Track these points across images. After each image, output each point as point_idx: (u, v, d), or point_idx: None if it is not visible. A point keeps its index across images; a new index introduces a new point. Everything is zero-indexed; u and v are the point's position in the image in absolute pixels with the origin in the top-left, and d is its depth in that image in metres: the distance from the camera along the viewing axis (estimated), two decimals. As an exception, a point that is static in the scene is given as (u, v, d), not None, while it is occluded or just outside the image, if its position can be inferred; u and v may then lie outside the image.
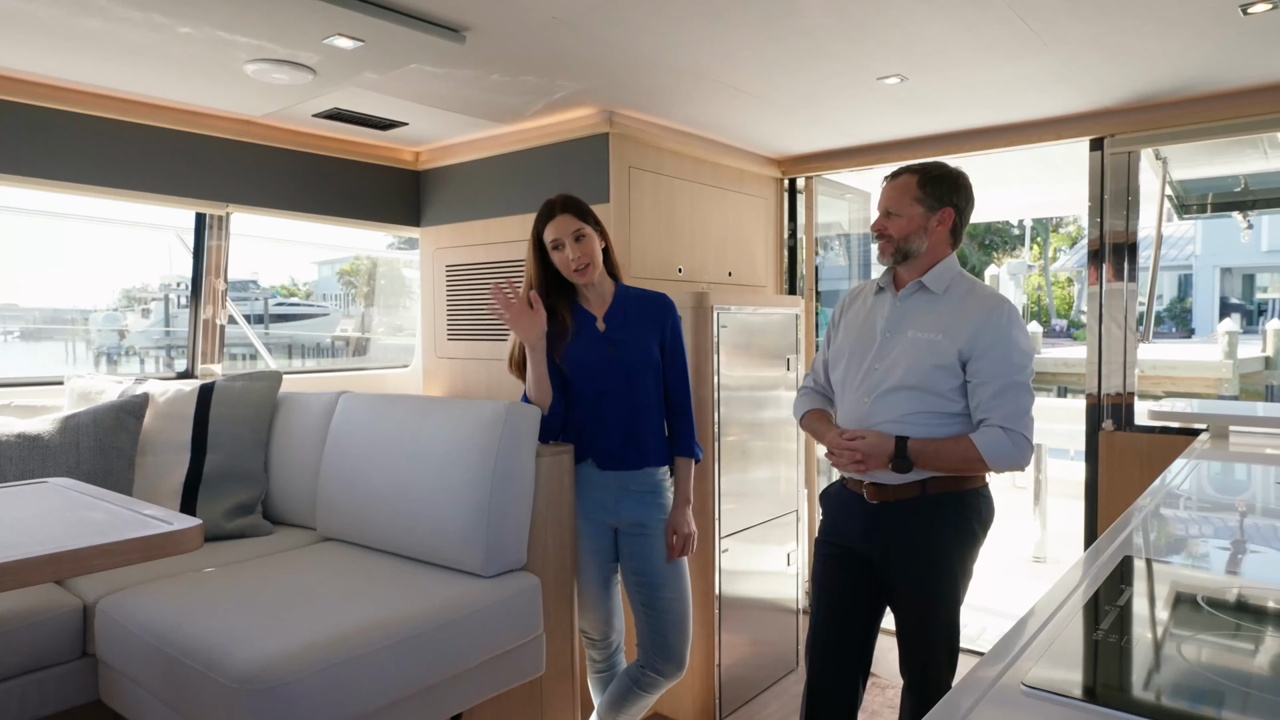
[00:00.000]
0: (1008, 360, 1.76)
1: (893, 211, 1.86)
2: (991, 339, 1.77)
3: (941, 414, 1.81)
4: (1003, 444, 1.74)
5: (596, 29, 2.00)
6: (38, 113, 2.39)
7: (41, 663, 1.82)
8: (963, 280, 1.88)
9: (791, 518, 3.11)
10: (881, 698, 2.84)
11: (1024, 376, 1.78)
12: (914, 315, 1.86)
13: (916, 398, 1.81)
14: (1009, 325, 1.79)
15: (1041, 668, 0.80)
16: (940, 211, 1.85)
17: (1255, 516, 1.58)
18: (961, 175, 1.90)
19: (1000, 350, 1.77)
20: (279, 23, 1.91)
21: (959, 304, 1.83)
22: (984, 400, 1.77)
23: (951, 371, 1.79)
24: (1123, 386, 2.85)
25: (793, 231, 3.65)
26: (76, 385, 2.52)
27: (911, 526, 1.82)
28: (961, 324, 1.80)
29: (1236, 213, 4.64)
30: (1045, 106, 2.73)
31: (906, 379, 1.81)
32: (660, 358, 2.15)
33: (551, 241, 2.05)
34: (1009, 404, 1.75)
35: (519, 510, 2.03)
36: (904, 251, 1.86)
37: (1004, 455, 1.74)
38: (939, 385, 1.79)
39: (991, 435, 1.74)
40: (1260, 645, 0.90)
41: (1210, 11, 1.93)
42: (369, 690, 1.64)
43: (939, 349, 1.79)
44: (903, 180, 1.88)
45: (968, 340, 1.78)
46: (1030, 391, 1.79)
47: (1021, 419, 1.75)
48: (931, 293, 1.86)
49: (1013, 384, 1.76)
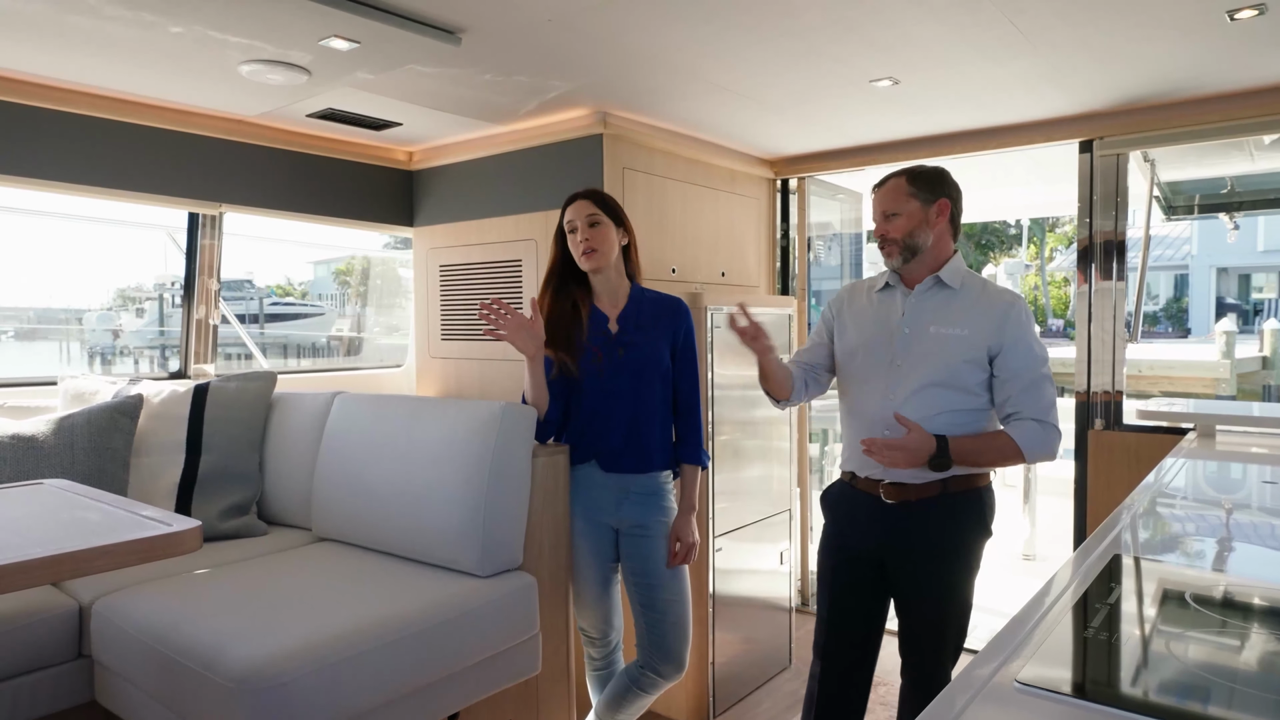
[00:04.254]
0: (1032, 354, 1.81)
1: (891, 212, 1.88)
2: (1017, 334, 1.81)
3: (968, 410, 1.83)
4: (1039, 436, 1.77)
5: (591, 29, 2.01)
6: (28, 112, 2.38)
7: (37, 664, 1.82)
8: (973, 277, 1.91)
9: (784, 516, 3.12)
10: (874, 695, 2.86)
11: (1047, 370, 1.82)
12: (934, 311, 1.87)
13: (946, 395, 1.82)
14: (1028, 321, 1.84)
15: (1034, 665, 0.81)
16: (937, 203, 1.88)
17: (1242, 514, 1.61)
18: (945, 170, 1.93)
19: (1025, 345, 1.81)
20: (273, 23, 1.91)
21: (977, 300, 1.86)
22: (1014, 394, 1.80)
23: (980, 365, 1.82)
24: (1112, 386, 2.88)
25: (785, 232, 3.67)
26: (70, 386, 2.52)
27: (931, 525, 1.83)
28: (985, 319, 1.82)
29: (1223, 214, 4.67)
30: (1035, 109, 2.75)
31: (935, 375, 1.82)
32: (670, 362, 2.15)
33: (567, 224, 2.07)
34: (1039, 397, 1.79)
35: (515, 510, 2.04)
36: (911, 248, 1.88)
37: (1040, 446, 1.78)
38: (967, 380, 1.82)
39: (1027, 428, 1.78)
40: (1246, 641, 0.92)
41: (1197, 16, 1.95)
42: (365, 689, 1.64)
43: (968, 343, 1.82)
44: (892, 183, 1.90)
45: (994, 335, 1.81)
46: (1054, 384, 1.83)
47: (1051, 411, 1.79)
48: (949, 288, 1.88)
49: (1040, 377, 1.80)
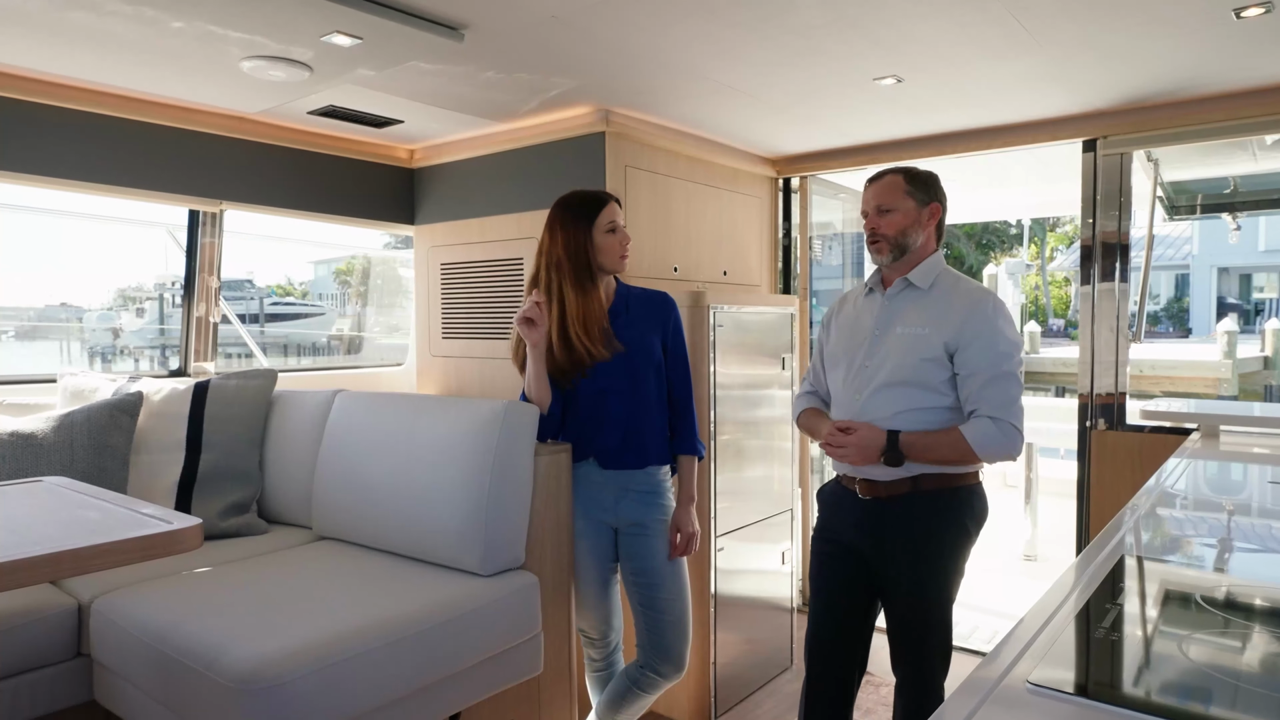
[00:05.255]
0: (994, 350, 1.77)
1: (886, 207, 1.88)
2: (977, 329, 1.78)
3: (935, 409, 1.82)
4: (991, 434, 1.75)
5: (593, 27, 2.00)
6: (28, 108, 2.37)
7: (35, 663, 1.81)
8: (948, 275, 1.90)
9: (786, 516, 3.12)
10: (875, 695, 2.85)
11: (1011, 366, 1.78)
12: (902, 312, 1.88)
13: (909, 394, 1.82)
14: (994, 316, 1.80)
15: (1045, 667, 0.81)
16: (930, 206, 1.89)
17: (1249, 516, 1.60)
18: (938, 177, 1.94)
19: (986, 340, 1.78)
20: (275, 19, 1.90)
21: (945, 297, 1.85)
22: (973, 391, 1.78)
23: (940, 364, 1.80)
24: (1114, 386, 2.87)
25: (787, 231, 3.66)
26: (70, 383, 2.51)
27: (903, 523, 1.83)
28: (948, 316, 1.81)
29: (1226, 214, 4.67)
30: (1039, 108, 2.75)
31: (895, 375, 1.82)
32: (663, 355, 2.16)
33: (609, 224, 2.08)
34: (998, 394, 1.76)
35: (517, 509, 2.03)
36: (901, 246, 1.88)
37: (993, 445, 1.75)
38: (930, 379, 1.81)
39: (981, 426, 1.75)
40: (1249, 642, 0.91)
41: (1203, 14, 1.94)
42: (366, 690, 1.63)
43: (926, 342, 1.81)
44: (889, 179, 1.90)
45: (954, 331, 1.79)
46: (1019, 382, 1.80)
47: (1010, 408, 1.76)
48: (918, 289, 1.88)
49: (1000, 374, 1.77)
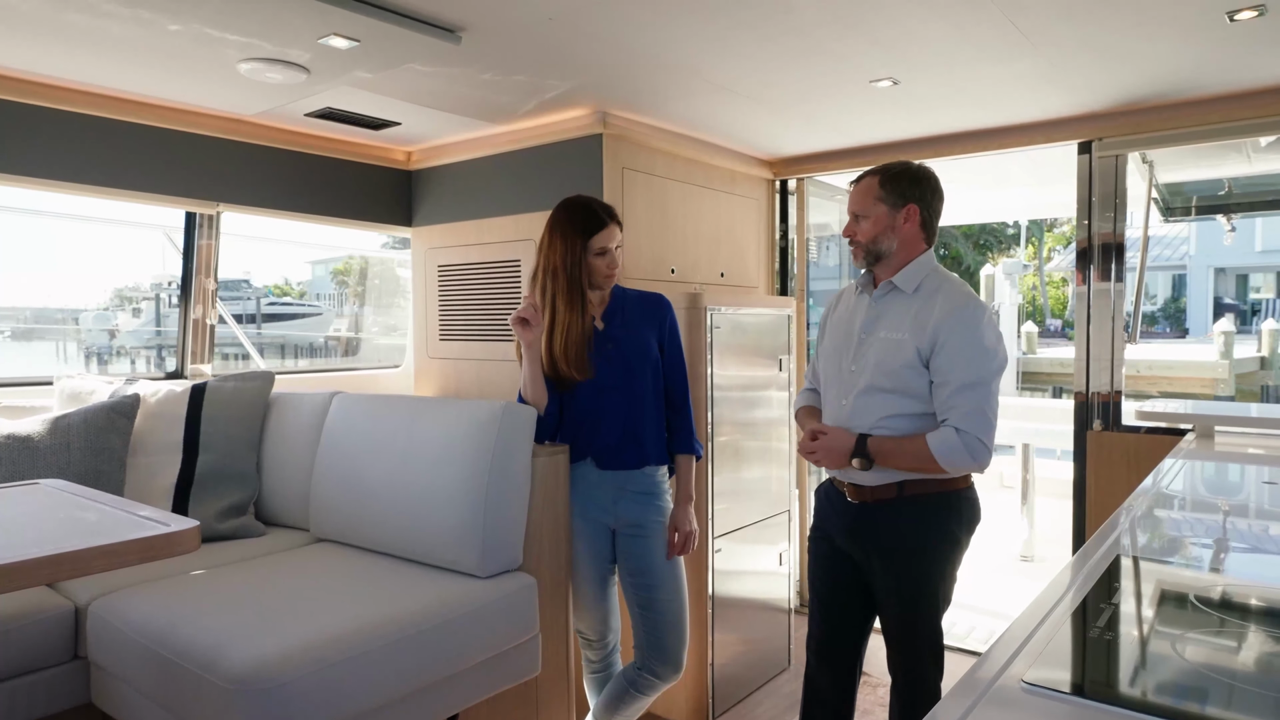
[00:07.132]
0: (966, 358, 1.72)
1: (858, 214, 1.87)
2: (951, 336, 1.73)
3: (919, 415, 1.78)
4: (954, 445, 1.69)
5: (591, 28, 2.01)
6: (24, 110, 2.37)
7: (32, 665, 1.81)
8: (935, 278, 1.84)
9: (783, 517, 3.12)
10: (873, 696, 2.86)
11: (982, 376, 1.72)
12: (887, 315, 1.85)
13: (892, 400, 1.79)
14: (973, 323, 1.74)
15: (1040, 666, 0.81)
16: (904, 209, 1.83)
17: (1244, 517, 1.61)
18: (923, 170, 1.87)
19: (959, 348, 1.72)
20: (272, 21, 1.90)
21: (928, 302, 1.80)
22: (943, 399, 1.73)
23: (918, 370, 1.76)
24: (1110, 386, 2.88)
25: (784, 232, 3.67)
26: (66, 385, 2.51)
27: (890, 528, 1.82)
28: (924, 323, 1.77)
29: (1221, 215, 4.69)
30: (1035, 109, 2.75)
31: (876, 380, 1.80)
32: (659, 355, 2.16)
33: (600, 248, 2.08)
34: (965, 404, 1.70)
35: (515, 510, 2.03)
36: (875, 253, 1.86)
37: (955, 457, 1.69)
38: (911, 384, 1.77)
39: (945, 436, 1.70)
40: (1244, 641, 0.92)
41: (1197, 16, 1.95)
42: (364, 691, 1.64)
43: (904, 347, 1.78)
44: (865, 183, 1.88)
45: (929, 337, 1.75)
46: (990, 392, 1.73)
47: (975, 419, 1.69)
48: (902, 292, 1.85)
49: (970, 383, 1.71)
